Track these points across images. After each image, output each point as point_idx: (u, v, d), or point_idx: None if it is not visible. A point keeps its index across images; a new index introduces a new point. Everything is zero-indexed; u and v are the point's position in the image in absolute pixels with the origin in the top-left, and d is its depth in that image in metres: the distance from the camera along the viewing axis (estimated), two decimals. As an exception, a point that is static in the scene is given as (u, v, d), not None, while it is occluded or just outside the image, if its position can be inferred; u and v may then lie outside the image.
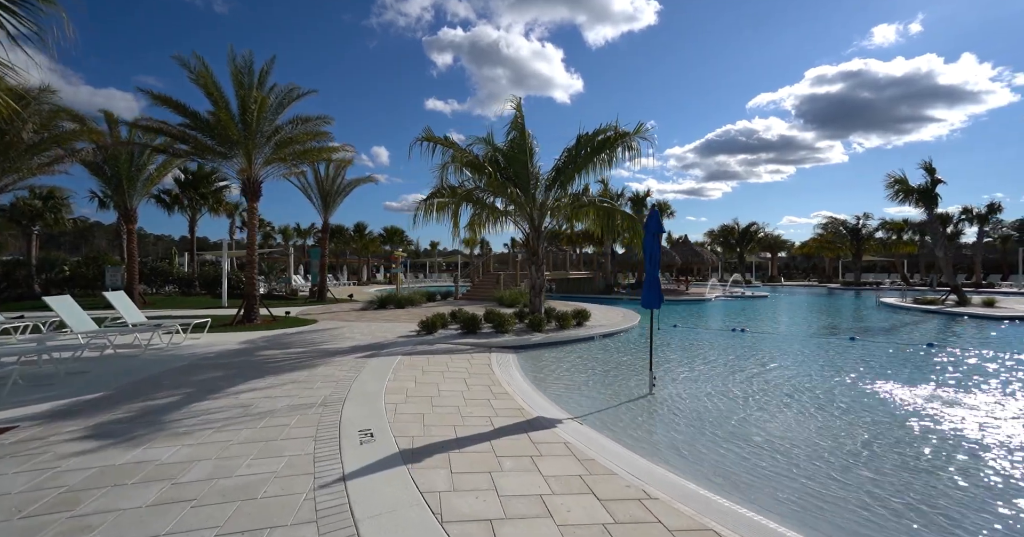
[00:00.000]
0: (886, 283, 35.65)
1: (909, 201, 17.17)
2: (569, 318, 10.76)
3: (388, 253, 49.88)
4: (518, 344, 9.02)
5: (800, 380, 6.76)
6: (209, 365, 6.96)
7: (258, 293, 12.09)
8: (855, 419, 5.02)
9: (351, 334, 10.18)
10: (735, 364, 7.94)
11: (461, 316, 10.58)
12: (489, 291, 19.91)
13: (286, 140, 11.92)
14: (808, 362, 8.14)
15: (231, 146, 11.88)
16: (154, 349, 8.25)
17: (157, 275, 21.71)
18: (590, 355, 8.64)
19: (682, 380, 6.73)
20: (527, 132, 10.88)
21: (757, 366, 7.79)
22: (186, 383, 5.85)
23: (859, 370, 7.38)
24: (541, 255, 11.27)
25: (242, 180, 12.08)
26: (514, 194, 10.41)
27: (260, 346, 8.72)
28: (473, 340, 9.17)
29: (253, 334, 10.19)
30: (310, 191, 19.97)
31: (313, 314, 14.39)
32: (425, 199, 11.85)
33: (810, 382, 6.63)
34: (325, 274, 20.27)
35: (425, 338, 9.49)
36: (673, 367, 7.65)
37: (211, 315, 13.26)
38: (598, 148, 10.24)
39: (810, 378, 6.87)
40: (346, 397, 5.17)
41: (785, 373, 7.25)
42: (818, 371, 7.39)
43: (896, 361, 8.13)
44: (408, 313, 14.73)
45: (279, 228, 42.33)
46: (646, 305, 5.84)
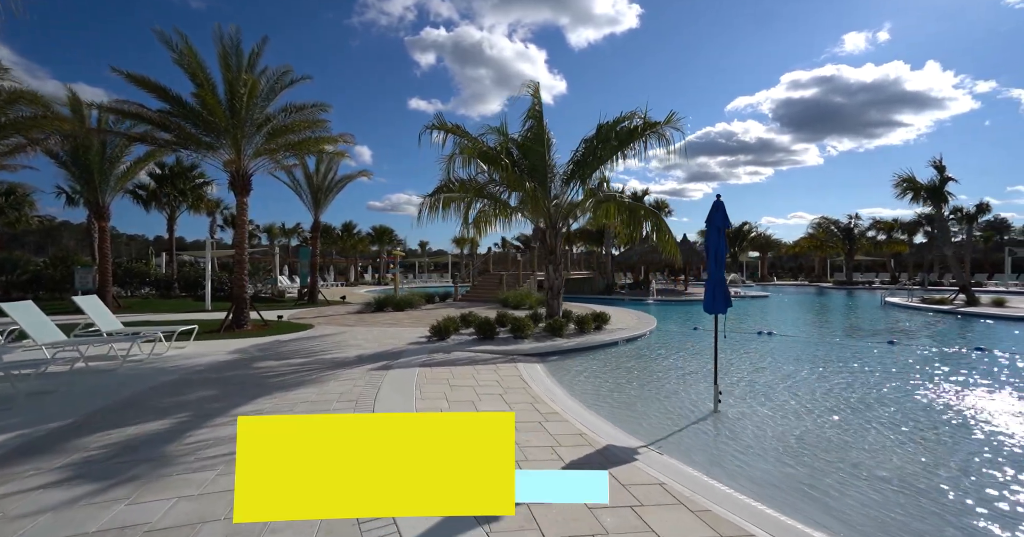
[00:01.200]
0: (876, 282, 36.03)
1: (918, 200, 16.99)
2: (589, 321, 10.06)
3: (376, 253, 48.58)
4: (542, 351, 8.28)
5: (873, 391, 6.15)
6: (200, 381, 6.02)
7: (248, 296, 11.07)
8: (985, 442, 4.43)
9: (355, 341, 9.28)
10: (786, 372, 7.33)
11: (474, 320, 9.78)
12: (491, 292, 19.11)
13: (279, 129, 10.93)
14: (862, 369, 7.54)
15: (218, 135, 10.84)
16: (133, 361, 7.23)
17: (132, 276, 20.26)
18: (623, 363, 7.94)
19: (742, 393, 6.06)
20: (544, 121, 10.14)
21: (812, 374, 7.17)
22: (175, 405, 4.93)
23: (927, 378, 6.79)
24: (559, 254, 10.55)
25: (230, 173, 11.04)
26: (532, 188, 9.65)
27: (255, 356, 7.77)
28: (492, 347, 8.39)
29: (244, 342, 9.20)
30: (299, 187, 18.86)
31: (307, 318, 13.39)
32: (431, 194, 11.03)
33: (888, 394, 6.01)
34: (316, 275, 19.18)
35: (439, 345, 8.66)
36: (720, 376, 6.98)
37: (195, 320, 12.14)
38: (625, 139, 9.55)
39: (880, 389, 6.24)
40: (372, 422, 4.32)
41: (849, 382, 6.63)
42: (882, 380, 6.79)
43: (957, 367, 7.59)
44: (409, 316, 13.84)
45: (263, 227, 40.69)
46: (710, 310, 5.15)
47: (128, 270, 20.23)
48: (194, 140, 10.77)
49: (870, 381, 6.70)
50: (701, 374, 7.12)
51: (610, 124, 9.99)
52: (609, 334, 9.94)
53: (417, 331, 10.55)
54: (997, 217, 42.38)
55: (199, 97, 9.92)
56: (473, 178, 10.98)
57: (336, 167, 18.73)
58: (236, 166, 10.94)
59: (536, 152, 10.02)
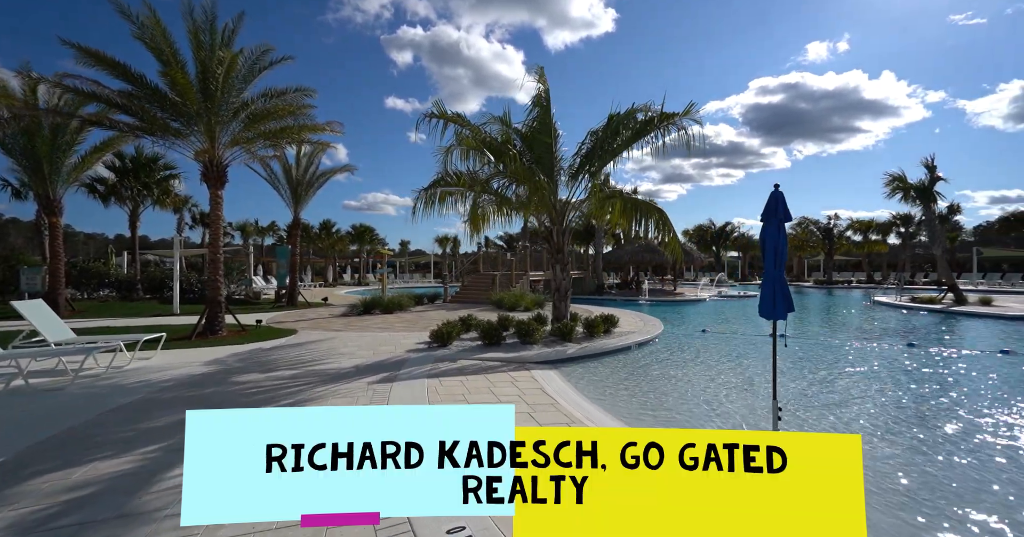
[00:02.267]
0: (853, 281, 36.88)
1: (908, 199, 17.13)
2: (599, 325, 9.45)
3: (356, 253, 47.00)
4: (555, 358, 7.61)
5: (929, 403, 5.71)
6: (170, 401, 5.08)
7: (223, 299, 10.01)
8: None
9: (346, 348, 8.40)
10: (825, 378, 6.87)
11: (477, 325, 9.03)
12: (482, 293, 18.34)
13: (259, 114, 9.90)
14: (899, 376, 7.04)
15: (188, 120, 9.73)
16: (87, 377, 6.19)
17: (90, 277, 18.57)
18: (647, 371, 7.35)
19: (794, 406, 5.52)
20: (552, 111, 9.47)
21: (858, 382, 6.66)
22: (140, 435, 4.02)
23: (991, 389, 6.32)
24: (566, 253, 9.89)
25: (202, 163, 9.95)
26: (543, 182, 8.96)
27: (235, 368, 6.82)
28: (500, 354, 7.67)
29: (221, 350, 8.19)
30: (277, 182, 17.64)
31: (288, 322, 12.33)
32: (427, 187, 10.22)
33: (947, 407, 5.59)
34: (296, 275, 17.98)
35: (442, 353, 7.89)
36: (761, 385, 6.47)
37: (162, 326, 10.99)
38: (640, 130, 8.97)
39: (953, 402, 5.73)
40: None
41: (908, 392, 6.15)
42: (939, 391, 6.39)
43: (995, 370, 7.30)
44: (400, 319, 12.95)
45: (237, 224, 38.60)
46: (769, 314, 4.56)
47: (84, 270, 18.52)
48: (160, 126, 9.62)
49: (929, 391, 6.20)
50: (739, 384, 6.59)
51: (621, 115, 9.41)
52: (619, 338, 9.36)
53: (413, 336, 9.72)
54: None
55: (168, 76, 8.80)
56: (473, 171, 10.22)
57: (318, 160, 17.60)
58: (210, 155, 9.85)
59: (542, 143, 9.35)
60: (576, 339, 8.99)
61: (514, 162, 8.95)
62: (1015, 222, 38.22)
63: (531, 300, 15.44)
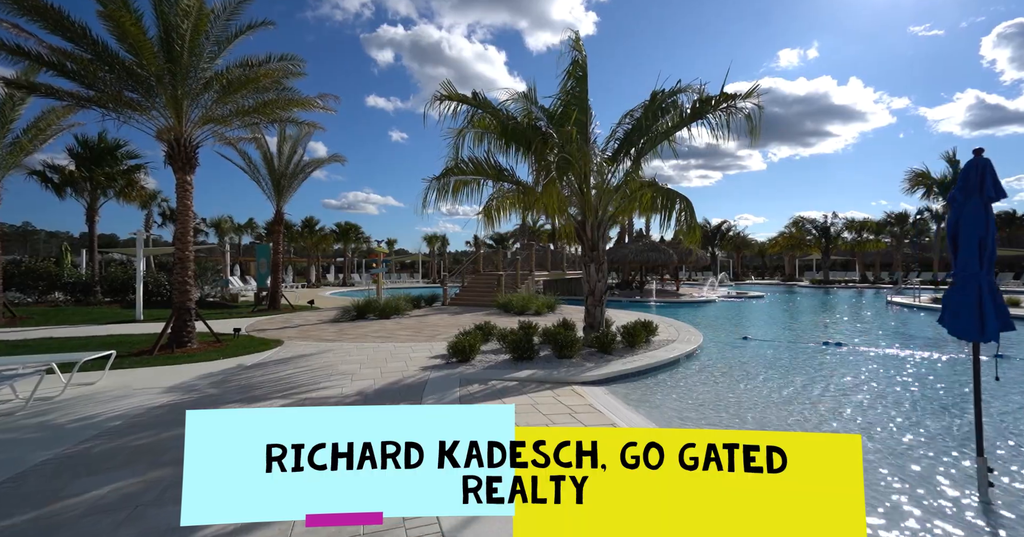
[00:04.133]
0: (849, 281, 36.70)
1: (930, 195, 16.42)
2: (640, 333, 8.16)
3: (340, 252, 44.89)
4: (604, 377, 6.28)
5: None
6: (110, 455, 3.55)
7: (193, 305, 8.36)
8: None
9: (346, 365, 6.89)
10: (950, 406, 5.70)
11: (502, 335, 7.65)
12: (485, 295, 16.90)
13: (237, 82, 8.26)
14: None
15: (149, 90, 8.05)
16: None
17: (37, 279, 16.41)
18: (715, 391, 6.08)
19: (1007, 455, 4.25)
20: (587, 84, 8.13)
21: (998, 411, 5.55)
22: (57, 521, 2.50)
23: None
24: (602, 250, 8.58)
25: (168, 142, 8.28)
26: (579, 169, 7.60)
27: (206, 395, 5.28)
28: (537, 372, 6.31)
29: (189, 369, 6.59)
30: (257, 172, 15.84)
31: (271, 330, 10.69)
32: (439, 176, 8.79)
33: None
34: (279, 276, 16.20)
35: (465, 370, 6.47)
36: (879, 413, 5.24)
37: (119, 336, 9.26)
38: (696, 113, 7.72)
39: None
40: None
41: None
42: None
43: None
44: (400, 326, 11.44)
45: (211, 221, 36.02)
46: (970, 334, 3.25)
47: (31, 271, 16.34)
48: (112, 95, 7.89)
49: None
50: (851, 411, 5.36)
51: (665, 93, 8.14)
52: (662, 349, 8.10)
53: (421, 348, 8.27)
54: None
55: (113, 22, 6.93)
56: (491, 159, 8.81)
57: (305, 145, 15.87)
58: (177, 133, 8.19)
59: (577, 123, 7.98)
60: (617, 350, 7.69)
61: (545, 143, 7.56)
62: (998, 223, 38.63)
63: (542, 303, 14.10)
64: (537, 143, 7.86)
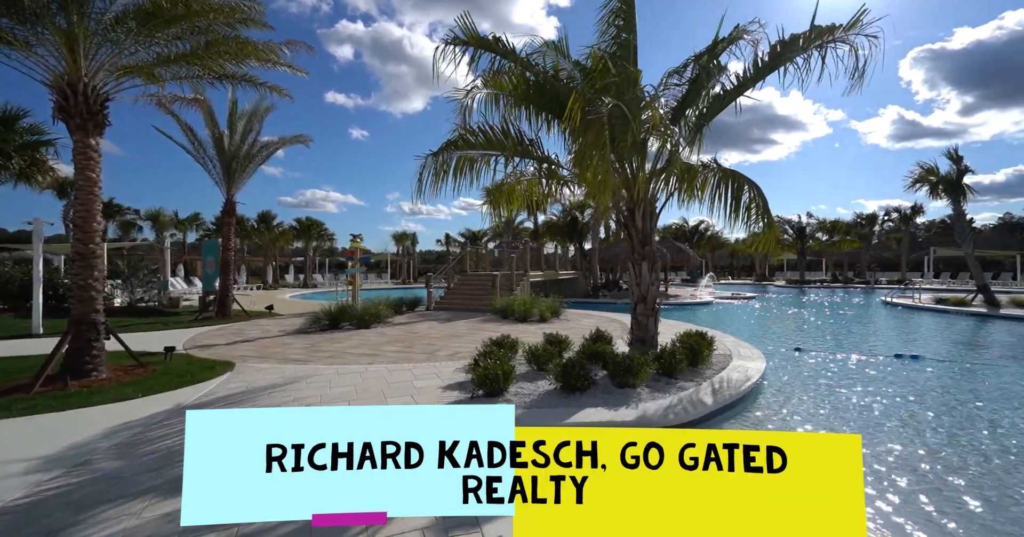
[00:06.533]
0: (823, 281, 37.22)
1: (936, 194, 15.94)
2: (704, 349, 6.55)
3: (301, 250, 41.33)
4: (702, 416, 4.57)
5: None
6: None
7: (101, 316, 5.99)
8: None
9: (328, 403, 4.82)
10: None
11: (544, 356, 5.83)
12: (477, 298, 14.93)
13: (166, 11, 5.95)
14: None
15: (26, 19, 5.63)
16: None
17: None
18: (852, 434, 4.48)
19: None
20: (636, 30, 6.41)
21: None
22: None
23: None
24: (654, 245, 6.89)
25: (58, 89, 5.89)
26: (633, 136, 5.84)
27: (97, 474, 3.11)
28: (603, 411, 4.54)
29: (87, 419, 4.32)
30: (203, 152, 13.18)
31: (219, 346, 8.31)
32: (437, 152, 6.88)
33: None
34: (230, 276, 13.56)
35: (506, 411, 4.57)
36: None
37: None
38: (776, 59, 6.12)
39: None
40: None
41: None
42: None
43: None
44: (386, 337, 9.33)
45: (146, 213, 31.73)
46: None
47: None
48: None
49: None
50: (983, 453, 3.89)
51: (727, 37, 6.51)
52: (729, 368, 6.52)
53: (424, 372, 6.29)
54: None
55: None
56: (510, 123, 6.96)
57: (261, 123, 13.34)
58: (72, 76, 5.81)
59: (626, 78, 6.21)
60: (682, 372, 6.02)
61: (591, 103, 5.75)
62: (1007, 229, 40.45)
63: (546, 307, 12.31)
64: (579, 99, 6.00)
